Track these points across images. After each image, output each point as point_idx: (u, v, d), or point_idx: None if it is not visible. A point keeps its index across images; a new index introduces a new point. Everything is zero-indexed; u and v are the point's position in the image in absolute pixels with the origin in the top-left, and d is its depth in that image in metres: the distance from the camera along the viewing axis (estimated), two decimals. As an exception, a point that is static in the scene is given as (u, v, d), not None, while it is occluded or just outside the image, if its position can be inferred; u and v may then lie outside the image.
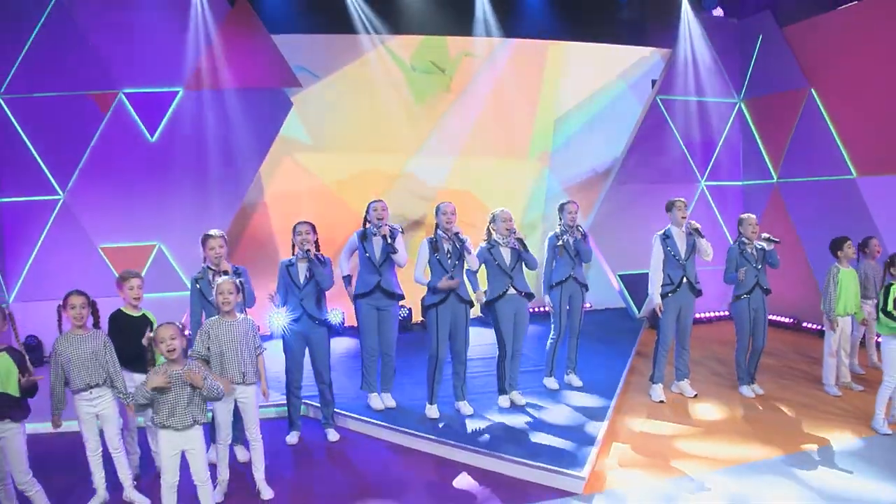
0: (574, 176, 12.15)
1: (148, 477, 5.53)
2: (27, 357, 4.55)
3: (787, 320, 10.73)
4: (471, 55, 11.60)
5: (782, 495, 5.01)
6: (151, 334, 4.52)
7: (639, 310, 11.04)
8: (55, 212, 9.34)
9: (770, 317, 10.62)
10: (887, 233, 8.83)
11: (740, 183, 11.86)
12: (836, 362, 7.47)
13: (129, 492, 5.11)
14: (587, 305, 9.48)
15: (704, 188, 11.61)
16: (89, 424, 4.94)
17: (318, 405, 6.60)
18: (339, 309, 10.63)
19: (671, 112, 11.37)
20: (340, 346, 9.72)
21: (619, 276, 11.03)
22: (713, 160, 11.66)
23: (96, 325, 5.05)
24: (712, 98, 11.61)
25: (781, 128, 10.90)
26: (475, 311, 6.81)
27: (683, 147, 11.46)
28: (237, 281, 5.21)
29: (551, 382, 7.53)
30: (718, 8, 11.82)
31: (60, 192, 9.39)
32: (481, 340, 9.20)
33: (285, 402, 6.48)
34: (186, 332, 4.63)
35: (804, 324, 10.42)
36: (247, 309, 5.63)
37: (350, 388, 7.38)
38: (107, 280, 7.72)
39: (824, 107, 10.16)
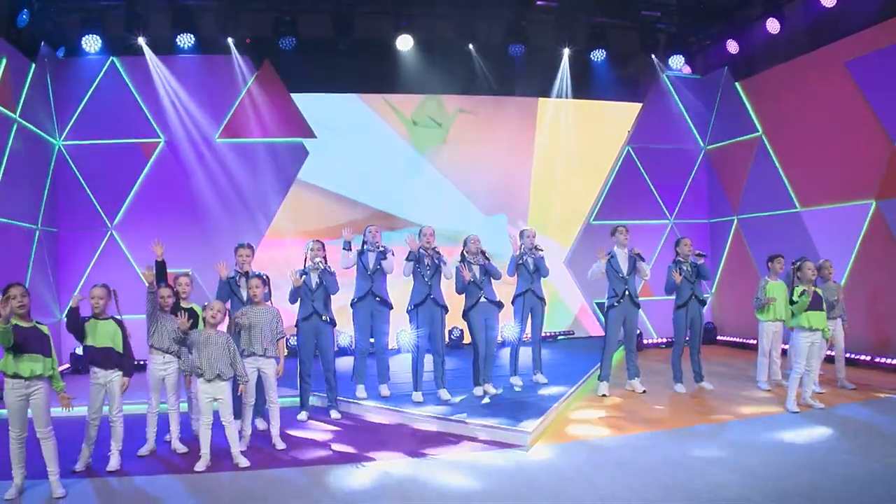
0: (556, 215, 13.38)
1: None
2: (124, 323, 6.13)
3: (746, 341, 11.95)
4: (465, 111, 13.04)
5: (687, 450, 6.29)
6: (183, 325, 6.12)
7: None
8: (104, 241, 10.98)
9: (728, 338, 12.06)
10: (824, 254, 10.03)
11: (706, 221, 13.26)
12: (769, 362, 8.74)
13: (175, 442, 6.53)
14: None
15: (674, 225, 13.00)
16: (156, 387, 6.45)
17: (325, 395, 7.93)
18: (348, 333, 11.95)
19: (642, 158, 12.87)
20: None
21: (596, 303, 12.35)
22: (681, 200, 13.11)
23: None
24: (679, 146, 13.11)
25: (739, 170, 12.39)
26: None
27: (653, 189, 12.93)
28: (264, 276, 6.83)
29: (516, 380, 8.80)
30: (686, 66, 13.38)
31: (109, 225, 11.06)
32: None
33: (297, 391, 7.85)
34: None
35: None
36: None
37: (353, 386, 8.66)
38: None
39: (772, 150, 11.63)
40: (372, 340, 8.36)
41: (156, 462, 6.25)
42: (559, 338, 12.99)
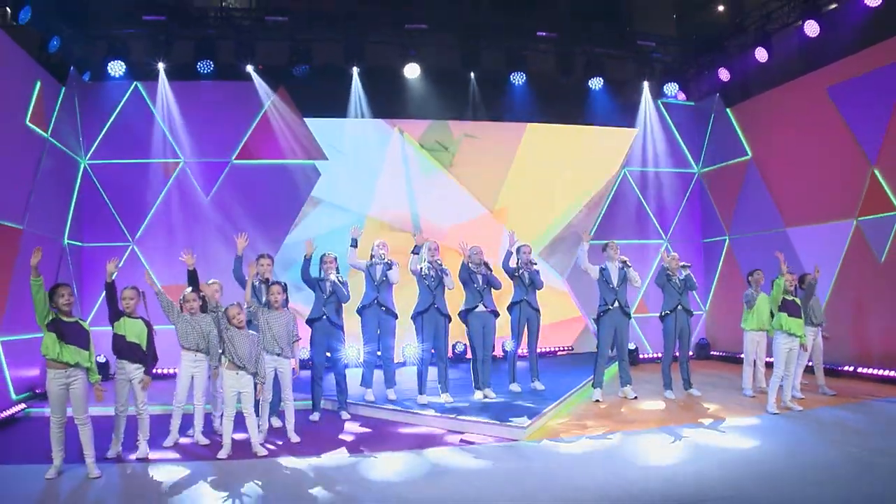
0: (556, 235, 13.88)
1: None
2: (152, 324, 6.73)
3: (738, 355, 12.39)
4: (471, 136, 13.59)
5: (670, 443, 6.80)
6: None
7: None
8: (125, 255, 11.54)
9: (721, 352, 12.54)
10: (810, 269, 10.53)
11: (700, 241, 13.85)
12: (753, 370, 9.26)
13: (198, 435, 7.06)
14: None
15: (668, 245, 13.54)
16: (184, 381, 6.97)
17: (336, 397, 8.46)
18: (356, 346, 12.47)
19: (638, 181, 13.53)
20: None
21: (594, 319, 12.83)
22: (675, 221, 13.72)
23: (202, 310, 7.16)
24: (674, 169, 13.75)
25: (730, 192, 13.00)
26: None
27: (649, 210, 13.55)
28: (283, 283, 7.46)
29: (515, 387, 9.33)
30: (680, 93, 14.02)
31: (130, 240, 11.69)
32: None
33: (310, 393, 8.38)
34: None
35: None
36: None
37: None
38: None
39: (761, 172, 12.24)
40: (379, 353, 8.89)
41: (180, 451, 6.79)
42: (559, 353, 13.48)
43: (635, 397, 9.05)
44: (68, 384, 5.86)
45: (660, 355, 12.74)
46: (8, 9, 10.82)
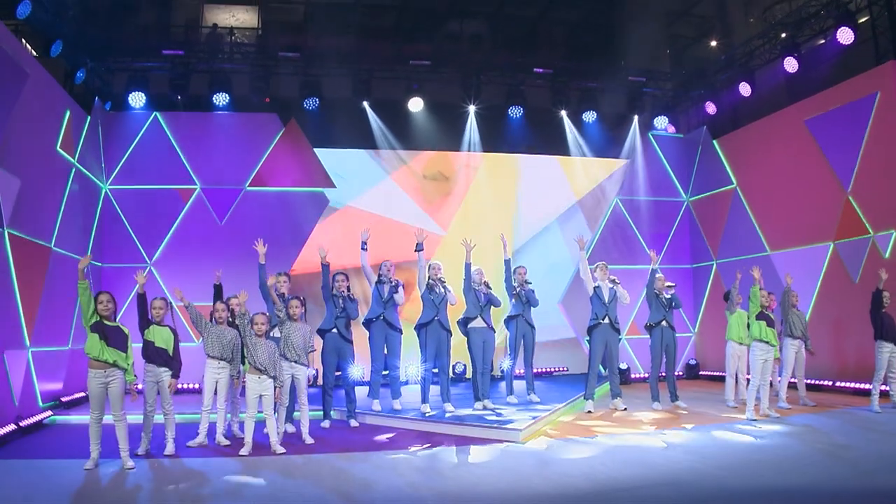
0: (552, 259, 14.54)
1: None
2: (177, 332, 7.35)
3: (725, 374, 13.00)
4: (470, 166, 14.27)
5: (652, 441, 7.39)
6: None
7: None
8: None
9: (710, 372, 13.11)
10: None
11: (689, 266, 14.49)
12: (735, 383, 9.87)
13: (219, 436, 7.62)
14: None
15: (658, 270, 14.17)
16: (210, 387, 7.54)
17: (345, 407, 9.02)
18: (362, 366, 13.02)
19: (630, 209, 14.24)
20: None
21: (587, 340, 13.44)
22: (665, 247, 14.39)
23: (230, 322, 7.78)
24: (664, 198, 14.47)
25: (717, 220, 13.71)
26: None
27: (640, 237, 14.24)
28: (302, 297, 8.12)
29: (512, 398, 9.93)
30: (669, 125, 14.78)
31: (148, 261, 12.34)
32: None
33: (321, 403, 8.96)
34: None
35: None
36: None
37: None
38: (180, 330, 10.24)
39: (745, 200, 12.95)
40: (385, 372, 9.49)
41: (204, 450, 7.34)
42: (554, 374, 14.04)
43: (625, 409, 9.61)
44: (107, 383, 6.46)
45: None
46: (27, 45, 11.60)
